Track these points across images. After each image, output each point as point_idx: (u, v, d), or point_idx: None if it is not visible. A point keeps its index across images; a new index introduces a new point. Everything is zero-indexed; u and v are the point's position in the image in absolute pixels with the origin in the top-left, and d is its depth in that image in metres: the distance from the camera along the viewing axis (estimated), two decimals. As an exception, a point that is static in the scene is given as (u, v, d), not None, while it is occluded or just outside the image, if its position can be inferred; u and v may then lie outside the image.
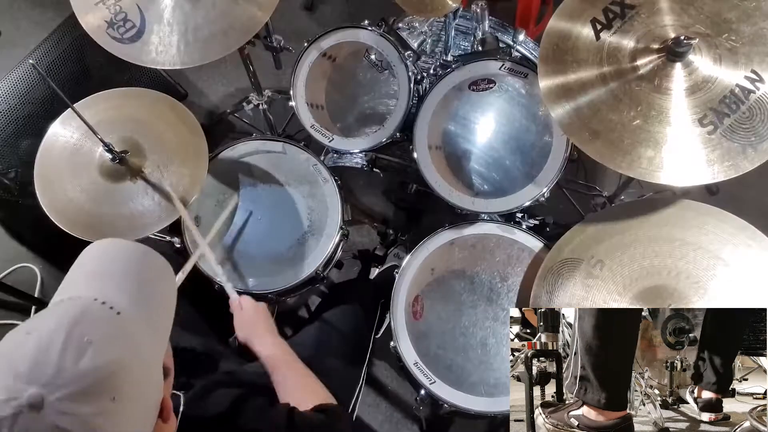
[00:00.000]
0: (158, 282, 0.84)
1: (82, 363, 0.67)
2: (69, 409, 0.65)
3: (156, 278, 0.84)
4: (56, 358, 0.66)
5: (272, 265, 1.64)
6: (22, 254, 2.41)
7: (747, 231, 1.37)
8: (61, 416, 0.65)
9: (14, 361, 0.66)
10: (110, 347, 0.70)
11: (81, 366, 0.66)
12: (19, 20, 2.70)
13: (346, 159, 1.84)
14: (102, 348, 0.69)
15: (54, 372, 0.65)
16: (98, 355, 0.68)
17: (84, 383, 0.66)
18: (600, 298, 1.37)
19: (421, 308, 1.64)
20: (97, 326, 0.71)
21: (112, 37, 1.56)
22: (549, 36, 1.39)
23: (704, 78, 1.26)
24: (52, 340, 0.67)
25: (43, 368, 0.66)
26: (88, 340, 0.68)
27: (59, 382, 0.65)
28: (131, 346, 0.72)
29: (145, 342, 0.76)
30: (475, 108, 1.74)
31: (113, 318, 0.73)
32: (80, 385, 0.66)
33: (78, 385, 0.66)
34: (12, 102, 2.00)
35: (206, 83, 2.72)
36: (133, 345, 0.73)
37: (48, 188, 1.47)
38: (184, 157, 1.50)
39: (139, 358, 0.73)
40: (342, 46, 1.77)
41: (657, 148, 1.25)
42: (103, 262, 0.83)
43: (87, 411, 0.66)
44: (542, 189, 1.57)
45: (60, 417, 0.64)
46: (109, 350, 0.69)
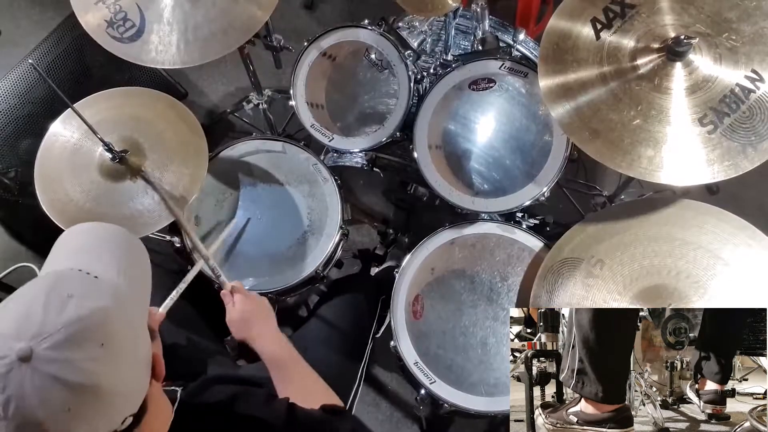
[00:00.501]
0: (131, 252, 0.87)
1: (65, 313, 0.69)
2: (59, 356, 0.67)
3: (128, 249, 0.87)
4: (40, 313, 0.68)
5: (272, 265, 1.64)
6: (22, 254, 2.40)
7: (747, 230, 1.37)
8: (52, 364, 0.66)
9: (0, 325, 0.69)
10: (92, 299, 0.72)
11: (65, 315, 0.69)
12: (19, 19, 2.70)
13: (346, 158, 1.84)
14: (84, 300, 0.71)
15: (39, 324, 0.67)
16: (81, 306, 0.70)
17: (70, 330, 0.68)
18: (600, 297, 1.37)
19: (421, 308, 1.64)
20: (76, 284, 0.73)
21: (111, 36, 1.56)
22: (549, 35, 1.38)
23: (704, 77, 1.26)
24: (34, 299, 0.70)
25: (28, 324, 0.68)
26: (69, 294, 0.71)
27: (45, 333, 0.67)
28: (112, 300, 0.74)
29: (126, 301, 0.77)
30: (475, 107, 1.74)
31: (92, 280, 0.75)
32: (67, 332, 0.68)
33: (64, 332, 0.68)
34: (12, 101, 2.00)
35: (206, 82, 2.72)
36: (114, 300, 0.75)
37: (48, 188, 1.47)
38: (184, 156, 1.49)
39: (122, 312, 0.75)
40: (342, 45, 1.77)
41: (657, 148, 1.25)
42: (76, 241, 0.87)
43: (77, 356, 0.68)
44: (542, 188, 1.57)
45: (51, 365, 0.66)
46: (91, 301, 0.71)
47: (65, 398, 0.67)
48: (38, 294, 0.70)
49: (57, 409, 0.67)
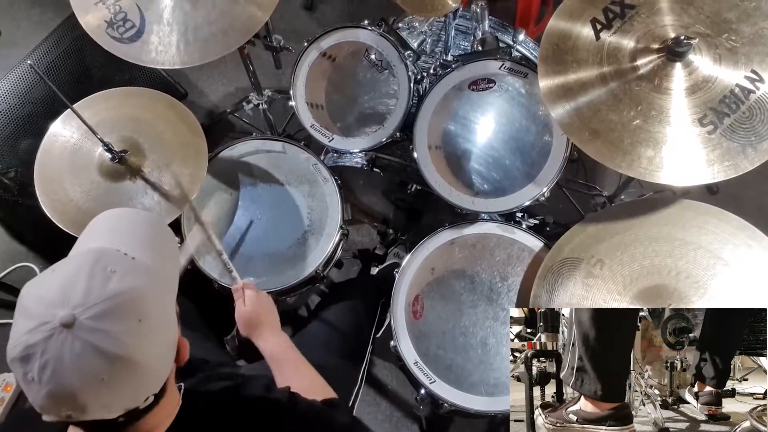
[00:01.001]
0: (163, 238, 0.92)
1: (109, 286, 0.72)
2: (100, 326, 0.70)
3: (160, 235, 0.92)
4: (84, 283, 0.71)
5: (272, 265, 1.64)
6: (22, 254, 2.41)
7: (747, 230, 1.37)
8: (92, 333, 0.69)
9: (42, 293, 0.72)
10: (132, 277, 0.75)
11: (108, 288, 0.72)
12: (19, 20, 2.70)
13: (346, 158, 1.84)
14: (125, 276, 0.74)
15: (83, 294, 0.71)
16: (122, 281, 0.74)
17: (112, 303, 0.71)
18: (600, 297, 1.37)
19: (421, 308, 1.64)
20: (117, 262, 0.76)
21: (111, 36, 1.56)
22: (549, 36, 1.39)
23: (704, 78, 1.26)
24: (79, 271, 0.73)
25: (72, 292, 0.71)
26: (111, 269, 0.74)
27: (89, 303, 0.70)
28: (148, 281, 0.78)
29: (159, 283, 0.81)
30: (475, 108, 1.74)
31: (130, 260, 0.78)
32: (109, 304, 0.71)
33: (107, 304, 0.71)
34: (12, 102, 2.00)
35: (206, 83, 2.72)
36: (150, 281, 0.78)
37: (48, 188, 1.47)
38: (184, 156, 1.50)
39: (156, 293, 0.79)
40: (342, 45, 1.77)
41: (657, 148, 1.25)
42: (112, 223, 0.91)
43: (117, 329, 0.71)
44: (542, 189, 1.57)
45: (92, 334, 0.69)
46: (132, 279, 0.75)
47: (101, 367, 0.70)
48: (83, 266, 0.73)
49: (92, 378, 0.70)
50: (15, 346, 0.70)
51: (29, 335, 0.69)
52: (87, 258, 0.75)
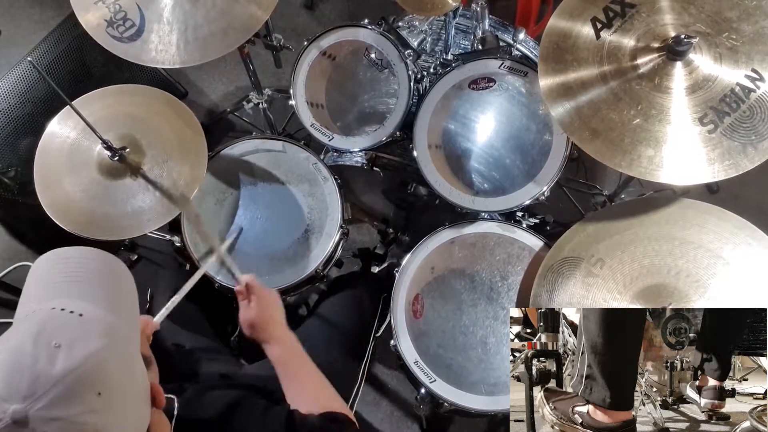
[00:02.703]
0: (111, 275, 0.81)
1: (56, 366, 0.64)
2: (55, 415, 0.63)
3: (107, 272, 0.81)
4: (29, 369, 0.64)
5: (272, 264, 1.64)
6: (22, 253, 2.41)
7: (747, 230, 1.37)
8: (49, 423, 0.63)
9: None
10: (81, 345, 0.67)
11: (56, 369, 0.64)
12: (19, 19, 2.70)
13: (346, 158, 1.84)
14: (73, 348, 0.66)
15: (30, 383, 0.63)
16: (71, 355, 0.66)
17: (64, 386, 0.64)
18: (600, 296, 1.37)
19: (422, 307, 1.64)
20: (60, 330, 0.68)
21: (111, 36, 1.56)
22: (549, 35, 1.38)
23: (705, 77, 1.26)
24: (21, 353, 0.65)
25: (18, 382, 0.63)
26: (56, 344, 0.66)
27: (38, 392, 0.63)
28: (101, 340, 0.69)
29: (117, 335, 0.73)
30: (475, 107, 1.74)
31: (76, 320, 0.70)
32: (60, 388, 0.64)
33: (58, 389, 0.64)
34: (12, 101, 2.00)
35: (206, 82, 2.72)
36: (105, 339, 0.70)
37: (48, 188, 1.46)
38: (184, 155, 1.49)
39: (115, 350, 0.71)
40: (342, 44, 1.77)
41: (657, 147, 1.25)
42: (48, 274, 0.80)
43: (75, 411, 0.64)
44: (542, 188, 1.57)
45: (49, 424, 0.63)
46: (81, 348, 0.67)
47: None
48: (24, 346, 0.65)
49: None
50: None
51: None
52: (27, 333, 0.67)
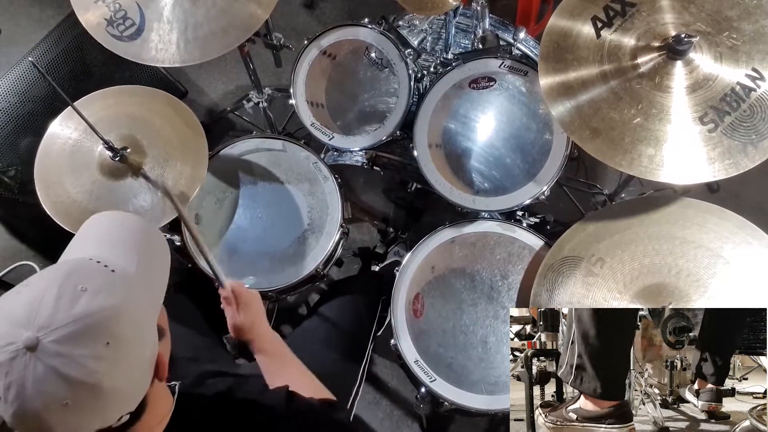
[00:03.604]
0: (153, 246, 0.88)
1: (76, 307, 0.69)
2: (64, 351, 0.67)
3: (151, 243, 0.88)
4: (51, 303, 0.69)
5: (272, 263, 1.64)
6: (22, 252, 2.41)
7: (747, 229, 1.37)
8: (55, 358, 0.67)
9: (10, 310, 0.70)
10: (104, 295, 0.72)
11: (75, 310, 0.69)
12: (19, 18, 2.69)
13: (346, 157, 1.84)
14: (96, 295, 0.71)
15: (49, 315, 0.68)
16: (92, 301, 0.70)
17: (78, 326, 0.68)
18: (600, 296, 1.37)
19: (422, 306, 1.64)
20: (91, 277, 0.73)
21: (111, 35, 1.56)
22: (549, 34, 1.38)
23: (705, 76, 1.26)
24: (48, 289, 0.70)
25: (39, 313, 0.68)
26: (82, 288, 0.71)
27: (54, 325, 0.68)
28: (125, 297, 0.74)
29: (139, 298, 0.78)
30: (475, 106, 1.74)
31: (107, 273, 0.75)
32: (74, 327, 0.68)
33: (72, 327, 0.68)
34: (12, 100, 2.00)
35: (206, 81, 2.72)
36: (127, 297, 0.75)
37: (50, 189, 1.46)
38: (184, 154, 1.49)
39: (133, 310, 0.75)
40: (342, 44, 1.77)
41: (657, 146, 1.25)
42: (99, 229, 0.88)
43: (81, 353, 0.68)
44: (543, 187, 1.57)
45: (55, 359, 0.67)
46: (103, 297, 0.72)
47: (64, 393, 0.68)
48: (52, 283, 0.71)
49: (54, 402, 0.68)
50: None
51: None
52: (58, 273, 0.73)
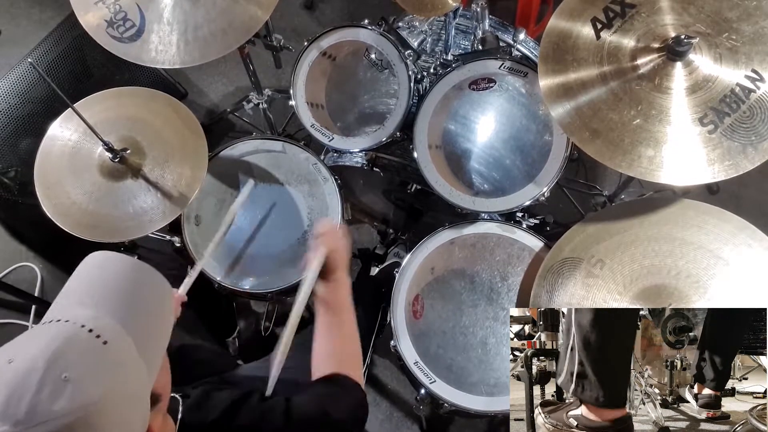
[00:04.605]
0: (155, 303, 0.79)
1: (57, 404, 0.63)
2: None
3: (153, 298, 0.79)
4: (30, 396, 0.62)
5: (272, 264, 1.64)
6: (22, 253, 2.41)
7: (747, 230, 1.37)
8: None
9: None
10: (89, 385, 0.65)
11: (56, 407, 0.63)
12: (19, 19, 2.69)
13: (346, 158, 1.84)
14: (79, 387, 0.64)
15: (27, 410, 0.62)
16: (75, 396, 0.64)
17: (56, 425, 0.62)
18: (600, 297, 1.37)
19: (421, 307, 1.64)
20: (78, 360, 0.66)
21: (111, 36, 1.56)
22: (549, 35, 1.38)
23: (705, 77, 1.26)
24: (30, 374, 0.63)
25: (17, 406, 0.62)
26: (66, 377, 0.64)
27: (32, 422, 0.62)
28: (114, 380, 0.68)
29: (133, 372, 0.71)
30: (475, 107, 1.74)
31: (98, 349, 0.68)
32: (52, 426, 0.62)
33: (50, 426, 0.62)
34: (12, 101, 2.00)
35: (206, 82, 2.72)
36: (117, 379, 0.68)
37: (50, 191, 1.46)
38: (184, 155, 1.49)
39: (122, 392, 0.69)
40: (342, 45, 1.77)
41: (657, 148, 1.25)
42: (99, 278, 0.78)
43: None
44: (542, 188, 1.57)
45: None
46: (87, 389, 0.65)
47: None
48: (37, 363, 0.64)
49: None
50: None
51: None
52: (46, 351, 0.65)
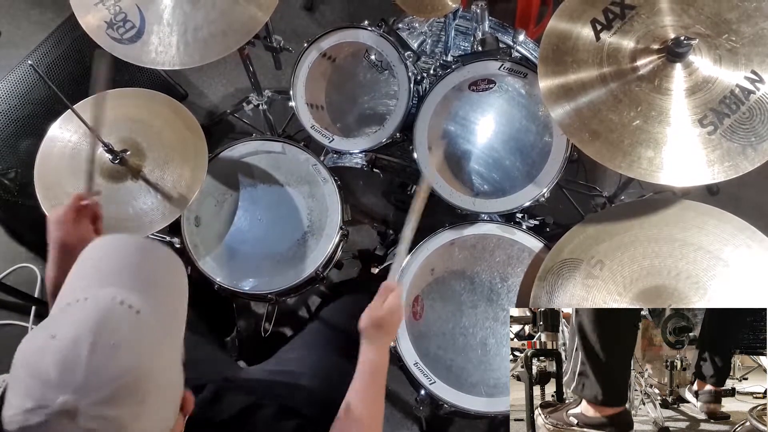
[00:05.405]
0: (170, 275, 0.81)
1: (111, 367, 0.66)
2: (101, 413, 0.64)
3: (167, 271, 0.81)
4: (85, 363, 0.65)
5: (272, 265, 1.64)
6: (22, 254, 2.41)
7: (747, 231, 1.37)
8: (92, 420, 0.64)
9: (41, 367, 0.65)
10: (136, 349, 0.69)
11: (111, 370, 0.66)
12: (19, 20, 2.70)
13: (345, 159, 1.84)
14: (128, 351, 0.68)
15: (84, 377, 0.64)
16: (126, 359, 0.67)
17: (114, 387, 0.65)
18: (600, 298, 1.37)
19: (421, 308, 1.64)
20: (120, 328, 0.69)
21: (111, 37, 1.56)
22: (549, 36, 1.39)
23: (704, 78, 1.26)
24: (79, 344, 0.66)
25: (73, 374, 0.64)
26: (114, 343, 0.67)
27: (90, 387, 0.64)
28: (154, 345, 0.71)
29: (167, 341, 0.74)
30: (474, 108, 1.74)
31: (134, 318, 0.71)
32: (111, 389, 0.65)
33: (109, 389, 0.65)
34: (12, 102, 2.00)
35: (206, 83, 2.72)
36: (156, 343, 0.72)
37: (50, 192, 1.46)
38: (184, 156, 1.50)
39: (162, 357, 0.72)
40: (342, 46, 1.77)
41: (657, 149, 1.25)
42: (114, 258, 0.80)
43: (117, 414, 0.65)
44: (542, 189, 1.57)
45: (92, 421, 0.64)
46: (135, 352, 0.68)
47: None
48: (84, 335, 0.66)
49: None
50: (11, 422, 0.65)
51: (26, 415, 0.64)
52: (88, 323, 0.68)
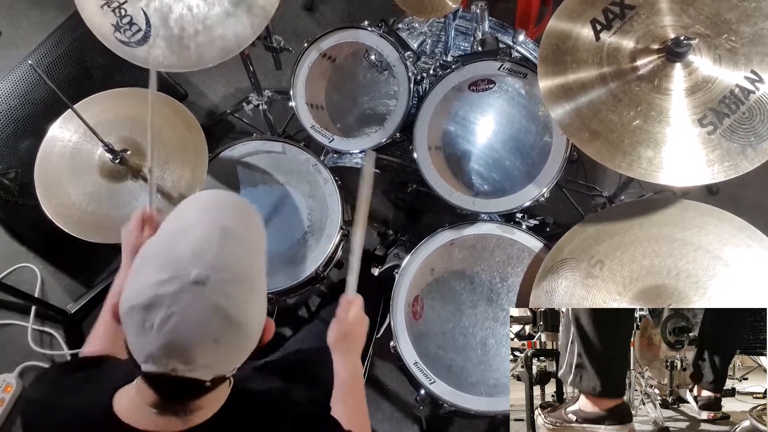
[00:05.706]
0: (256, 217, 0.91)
1: (234, 256, 0.77)
2: (227, 290, 0.74)
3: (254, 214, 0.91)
4: (217, 249, 0.75)
5: (272, 265, 1.64)
6: (22, 254, 2.41)
7: (747, 231, 1.37)
8: (219, 295, 0.73)
9: (174, 248, 0.75)
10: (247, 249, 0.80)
11: (233, 258, 0.77)
12: (19, 20, 2.70)
13: (346, 159, 1.84)
14: (244, 248, 0.80)
15: (215, 257, 0.74)
16: (243, 253, 0.79)
17: (235, 271, 0.76)
18: (600, 298, 1.37)
19: (421, 308, 1.64)
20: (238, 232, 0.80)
21: (120, 41, 1.56)
22: (549, 36, 1.39)
23: (704, 78, 1.26)
24: (210, 237, 0.76)
25: (206, 254, 0.74)
26: (235, 239, 0.78)
27: (218, 267, 0.74)
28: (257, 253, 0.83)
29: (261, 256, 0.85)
30: (474, 108, 1.75)
31: (241, 237, 0.81)
32: (233, 272, 0.75)
33: (231, 272, 0.75)
34: (12, 102, 2.00)
35: (206, 83, 2.72)
36: (258, 254, 0.83)
37: (50, 191, 1.47)
38: (184, 156, 1.50)
39: (261, 265, 0.83)
40: (342, 46, 1.77)
41: (657, 149, 1.25)
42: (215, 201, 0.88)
43: (238, 294, 0.75)
44: (542, 189, 1.57)
45: (218, 295, 0.73)
46: (247, 250, 0.80)
47: (219, 329, 0.73)
48: (212, 234, 0.76)
49: (209, 337, 0.73)
50: (141, 293, 0.72)
51: (160, 286, 0.71)
52: (214, 228, 0.78)
